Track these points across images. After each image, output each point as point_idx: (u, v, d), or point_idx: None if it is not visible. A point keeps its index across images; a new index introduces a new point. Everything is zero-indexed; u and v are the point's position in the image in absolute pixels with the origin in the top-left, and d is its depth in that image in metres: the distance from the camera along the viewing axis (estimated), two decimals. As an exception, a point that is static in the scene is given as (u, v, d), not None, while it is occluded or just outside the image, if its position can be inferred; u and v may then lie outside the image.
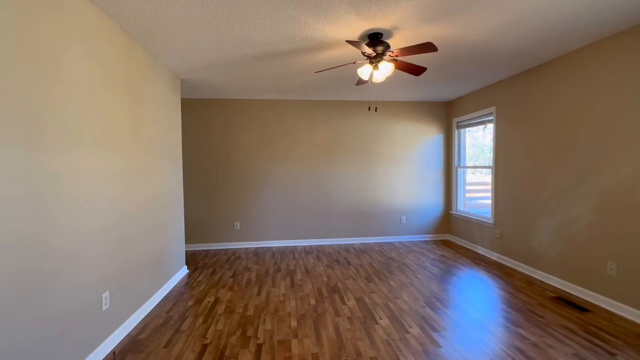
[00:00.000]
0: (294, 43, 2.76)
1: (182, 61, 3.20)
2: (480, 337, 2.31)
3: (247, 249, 4.90)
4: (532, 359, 2.03)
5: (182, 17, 2.28)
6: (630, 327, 2.40)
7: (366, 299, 2.98)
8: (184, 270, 3.75)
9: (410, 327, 2.47)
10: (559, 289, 3.17)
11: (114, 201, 2.28)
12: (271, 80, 3.91)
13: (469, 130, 5.08)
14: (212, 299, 3.03)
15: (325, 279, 3.55)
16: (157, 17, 2.28)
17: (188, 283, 3.46)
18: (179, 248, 3.63)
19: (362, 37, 2.65)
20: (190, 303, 2.94)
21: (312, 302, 2.95)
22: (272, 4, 2.11)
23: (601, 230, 2.78)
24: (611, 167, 2.69)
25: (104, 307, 2.15)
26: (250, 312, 2.74)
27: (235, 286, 3.35)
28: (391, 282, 3.41)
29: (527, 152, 3.64)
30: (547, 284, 3.31)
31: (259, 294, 3.15)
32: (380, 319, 2.60)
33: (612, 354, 2.08)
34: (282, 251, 4.73)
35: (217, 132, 4.91)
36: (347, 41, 2.19)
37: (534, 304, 2.84)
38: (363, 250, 4.75)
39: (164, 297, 3.10)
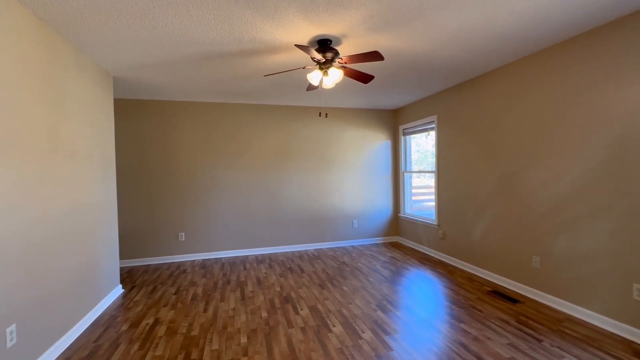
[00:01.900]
0: (242, 44, 2.65)
1: (114, 57, 2.88)
2: (428, 336, 2.39)
3: (193, 261, 4.57)
4: (474, 352, 2.16)
5: (111, 8, 2.04)
6: (553, 314, 2.69)
7: (320, 307, 2.94)
8: (118, 290, 3.35)
9: (363, 332, 2.47)
10: (495, 283, 3.45)
11: (21, 216, 1.93)
12: (218, 82, 3.72)
13: (414, 137, 5.37)
14: (150, 320, 2.74)
15: (278, 288, 3.43)
16: (80, 6, 2.01)
17: (123, 304, 3.09)
18: (112, 265, 3.24)
19: (311, 43, 2.63)
20: (125, 327, 2.62)
21: (264, 314, 2.82)
22: (214, 1, 1.99)
23: (526, 227, 3.09)
24: (532, 172, 3.02)
25: (9, 344, 1.80)
26: (195, 332, 2.52)
27: (178, 304, 3.07)
28: (344, 288, 3.42)
29: (465, 158, 3.95)
30: (485, 279, 3.59)
31: (205, 310, 2.92)
32: (334, 326, 2.57)
33: (540, 340, 2.29)
34: (233, 262, 4.49)
35: (158, 135, 4.52)
36: (296, 45, 2.15)
37: (473, 299, 3.05)
38: (317, 256, 4.72)
39: (92, 323, 2.72)
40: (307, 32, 2.43)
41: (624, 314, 2.33)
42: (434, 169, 4.64)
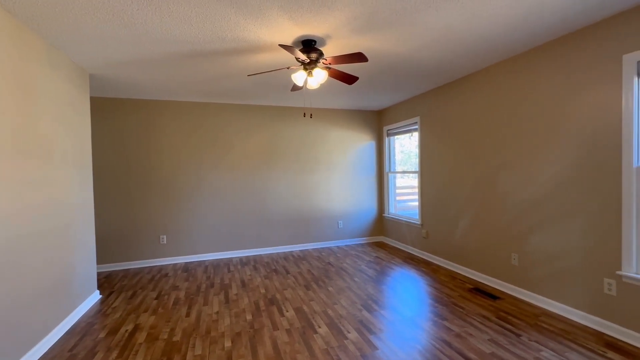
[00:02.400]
0: (225, 43, 2.60)
1: (91, 54, 2.78)
2: (412, 334, 2.43)
3: (175, 264, 4.45)
4: (456, 349, 2.20)
5: (86, 2, 1.96)
6: (530, 309, 2.79)
7: (305, 308, 2.93)
8: (95, 296, 3.22)
9: (349, 332, 2.48)
10: (476, 280, 3.55)
11: (-9, 220, 1.83)
12: (201, 81, 3.65)
13: (397, 138, 5.45)
14: (130, 327, 2.64)
15: (262, 290, 3.40)
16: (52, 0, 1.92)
17: (100, 310, 2.97)
18: (89, 270, 3.11)
19: (296, 43, 2.62)
20: (102, 335, 2.52)
21: (249, 317, 2.78)
22: (197, -1, 1.95)
23: (505, 226, 3.19)
24: (510, 173, 3.12)
25: (-25, 356, 1.69)
26: (177, 337, 2.45)
27: (160, 309, 2.98)
28: (329, 288, 3.42)
29: (446, 158, 4.03)
30: (466, 276, 3.68)
31: (188, 314, 2.85)
32: (319, 327, 2.57)
33: (518, 335, 2.37)
34: (216, 264, 4.41)
35: (139, 135, 4.39)
36: (280, 45, 2.14)
37: (456, 296, 3.12)
38: (302, 257, 4.70)
39: (67, 331, 2.60)
40: (292, 32, 2.42)
41: (596, 307, 2.44)
42: (417, 169, 4.72)
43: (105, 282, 3.77)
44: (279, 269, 4.15)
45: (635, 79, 2.18)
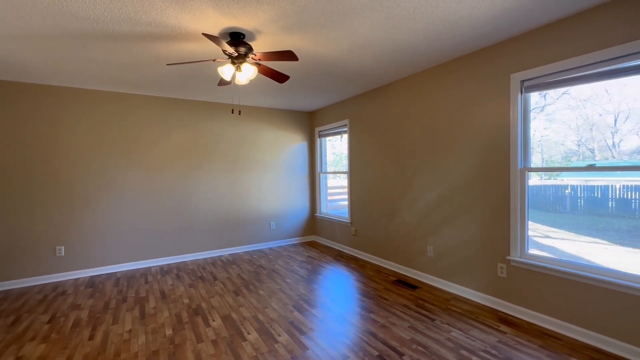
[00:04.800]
0: (139, 26, 2.31)
1: (-51, 20, 2.18)
2: (342, 330, 2.49)
3: (77, 279, 3.80)
4: (381, 339, 2.34)
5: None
6: (443, 295, 3.13)
7: (234, 315, 2.78)
8: (-43, 328, 2.54)
9: (279, 335, 2.43)
10: (399, 272, 3.84)
11: None
12: (110, 68, 3.18)
13: (329, 139, 5.59)
14: (9, 360, 2.15)
15: (186, 300, 3.12)
16: None
17: (-35, 346, 2.35)
18: (-53, 296, 2.43)
19: (223, 35, 2.47)
20: (-34, 376, 2.00)
21: (169, 332, 2.51)
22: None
23: (422, 221, 3.53)
24: (426, 174, 3.46)
25: None
26: (76, 366, 2.08)
27: (53, 334, 2.50)
28: (260, 292, 3.32)
29: (372, 159, 4.29)
30: (391, 270, 3.95)
31: (92, 337, 2.45)
32: (249, 333, 2.46)
33: (433, 320, 2.63)
34: (131, 275, 3.90)
35: (28, 128, 3.62)
36: (204, 34, 1.98)
37: (381, 289, 3.32)
38: (232, 261, 4.47)
39: None
40: (218, 22, 2.27)
41: (492, 288, 2.86)
42: (346, 169, 4.90)
43: (-26, 309, 3.01)
44: (206, 275, 3.87)
45: (519, 95, 2.62)
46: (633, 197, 2.24)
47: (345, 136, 4.96)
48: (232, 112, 3.68)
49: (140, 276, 3.88)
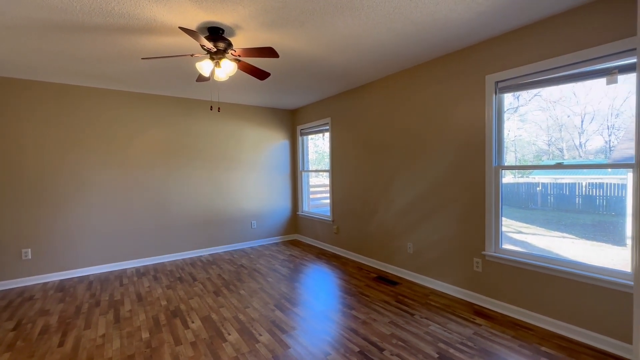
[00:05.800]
0: (111, 18, 2.21)
1: None
2: (323, 327, 2.50)
3: (46, 284, 3.61)
4: (362, 335, 2.36)
5: None
6: (422, 290, 3.20)
7: (214, 316, 2.73)
8: None
9: (261, 335, 2.41)
10: (379, 269, 3.89)
11: None
12: (81, 61, 3.03)
13: (311, 138, 5.58)
14: (-31, 372, 2.02)
15: (164, 302, 3.03)
16: None
17: None
18: None
19: (201, 29, 2.40)
20: None
21: (145, 335, 2.43)
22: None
23: (402, 218, 3.59)
24: (404, 172, 3.52)
25: None
26: (44, 374, 1.98)
27: (19, 341, 2.36)
28: (241, 291, 3.27)
29: (354, 158, 4.32)
30: (372, 266, 4.00)
31: (62, 344, 2.33)
32: (229, 334, 2.42)
33: (412, 315, 2.68)
34: (105, 278, 3.75)
35: (-15, 122, 3.39)
36: (180, 28, 1.92)
37: (362, 286, 3.36)
38: (212, 261, 4.39)
39: None
40: (196, 15, 2.21)
41: (468, 282, 2.95)
42: (328, 168, 4.92)
43: None
44: (185, 276, 3.78)
45: (494, 95, 2.71)
46: (597, 194, 2.37)
47: (327, 134, 4.97)
48: (212, 109, 3.60)
49: (115, 279, 3.73)
